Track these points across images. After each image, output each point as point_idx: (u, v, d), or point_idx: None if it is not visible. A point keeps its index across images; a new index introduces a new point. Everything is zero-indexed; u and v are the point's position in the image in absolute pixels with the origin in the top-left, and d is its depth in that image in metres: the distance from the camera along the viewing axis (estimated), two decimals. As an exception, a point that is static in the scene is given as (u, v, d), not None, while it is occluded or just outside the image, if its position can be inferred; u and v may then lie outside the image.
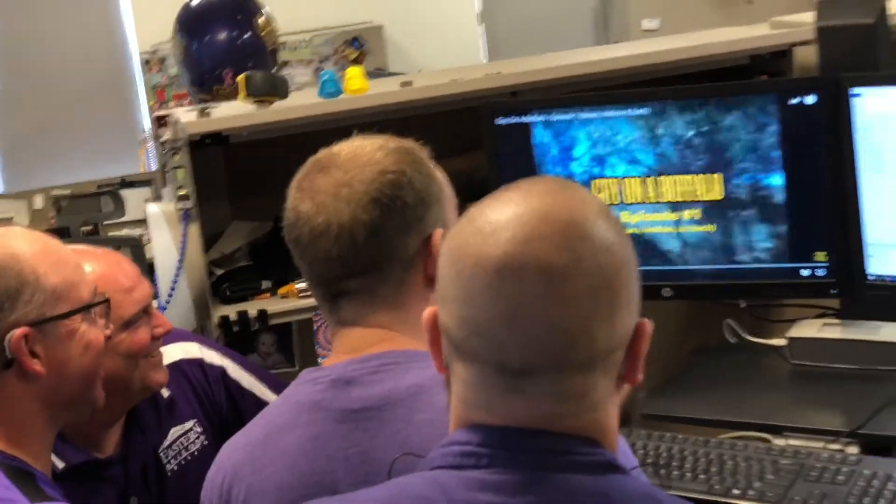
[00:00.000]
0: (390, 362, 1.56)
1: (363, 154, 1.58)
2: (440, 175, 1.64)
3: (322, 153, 1.62)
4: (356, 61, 6.35)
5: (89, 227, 5.98)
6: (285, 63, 6.18)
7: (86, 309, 1.71)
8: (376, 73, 5.54)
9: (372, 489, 1.27)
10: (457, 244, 1.21)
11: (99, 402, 1.78)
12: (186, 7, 3.78)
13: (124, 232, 5.56)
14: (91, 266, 1.96)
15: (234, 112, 2.63)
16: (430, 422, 1.49)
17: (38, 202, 6.49)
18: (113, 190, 5.65)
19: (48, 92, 6.84)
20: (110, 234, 5.59)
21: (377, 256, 1.55)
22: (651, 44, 3.19)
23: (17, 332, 1.61)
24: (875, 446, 2.07)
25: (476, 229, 1.20)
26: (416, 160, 1.60)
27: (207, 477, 1.67)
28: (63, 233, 5.81)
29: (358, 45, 6.43)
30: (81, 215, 5.89)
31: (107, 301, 1.77)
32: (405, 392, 1.54)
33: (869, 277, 2.25)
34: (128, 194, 5.73)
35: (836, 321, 2.37)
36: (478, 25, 7.03)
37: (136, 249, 3.69)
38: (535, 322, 1.15)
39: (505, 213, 1.19)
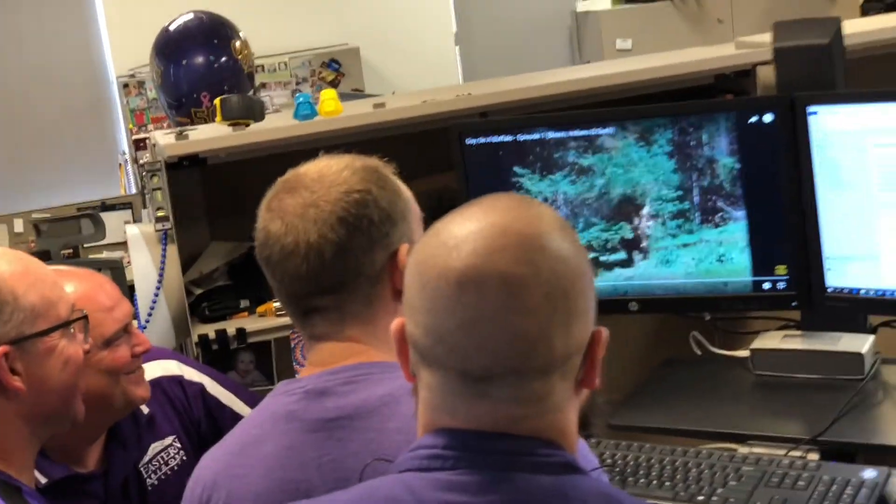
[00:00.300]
0: (362, 374, 1.62)
1: (329, 174, 1.63)
2: (406, 191, 1.69)
3: (290, 174, 1.67)
4: (333, 83, 6.42)
5: (70, 250, 6.00)
6: (263, 85, 6.26)
7: (64, 326, 1.75)
8: (353, 94, 5.61)
9: (343, 492, 1.33)
10: (422, 257, 1.28)
11: (79, 415, 1.82)
12: (164, 32, 3.83)
13: (105, 254, 5.60)
14: (73, 286, 2.01)
15: (210, 135, 2.69)
16: (401, 430, 1.54)
17: (19, 226, 6.52)
18: (93, 213, 5.69)
19: (27, 116, 6.87)
20: (91, 256, 5.62)
21: (345, 273, 1.60)
22: (618, 64, 3.26)
23: None
24: (835, 452, 2.14)
25: (440, 243, 1.26)
26: (381, 178, 1.65)
27: (187, 488, 1.71)
28: (43, 256, 5.84)
29: (335, 67, 6.50)
30: (61, 238, 5.90)
31: (85, 317, 1.82)
32: (377, 402, 1.59)
33: (828, 290, 2.32)
34: (108, 217, 5.77)
35: (797, 332, 2.44)
36: (454, 46, 7.11)
37: (116, 272, 3.73)
38: (495, 330, 1.22)
39: (467, 228, 1.26)
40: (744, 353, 2.46)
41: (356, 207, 1.61)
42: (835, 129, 2.23)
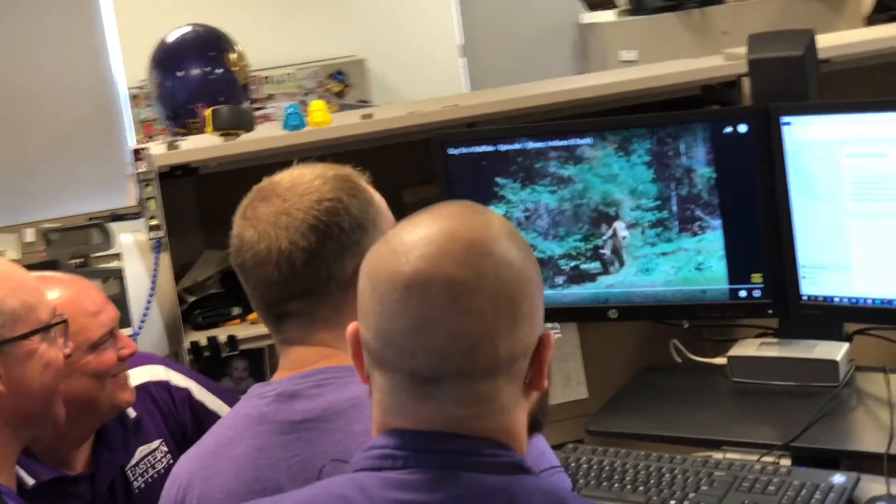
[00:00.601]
0: (331, 377, 1.66)
1: (302, 183, 1.68)
2: (378, 199, 1.73)
3: (265, 182, 1.72)
4: (339, 94, 6.48)
5: (79, 260, 6.07)
6: (270, 96, 6.32)
7: (44, 330, 1.80)
8: (359, 105, 5.67)
9: (299, 490, 1.38)
10: (373, 262, 1.33)
11: (59, 418, 1.87)
12: (162, 44, 3.90)
13: (114, 264, 5.66)
14: (59, 292, 2.07)
15: (201, 145, 2.74)
16: (367, 432, 1.56)
17: (29, 235, 6.59)
18: (101, 223, 5.75)
19: (37, 126, 6.93)
20: (100, 265, 5.67)
21: (315, 280, 1.65)
22: (608, 75, 3.31)
23: None
24: (807, 459, 2.17)
25: (390, 248, 1.31)
26: (352, 187, 1.70)
27: (165, 487, 1.76)
28: (52, 265, 5.91)
29: (341, 79, 6.56)
30: (70, 248, 5.98)
31: (64, 321, 1.86)
32: (345, 404, 1.64)
33: (803, 298, 2.36)
34: (117, 227, 5.82)
35: (774, 340, 2.48)
36: (459, 58, 7.15)
37: (120, 280, 3.79)
38: (439, 332, 1.26)
39: (416, 234, 1.30)
40: (722, 360, 2.50)
41: (327, 215, 1.65)
42: (808, 139, 2.27)
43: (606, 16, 6.98)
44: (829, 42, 2.71)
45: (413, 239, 1.30)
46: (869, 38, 3.06)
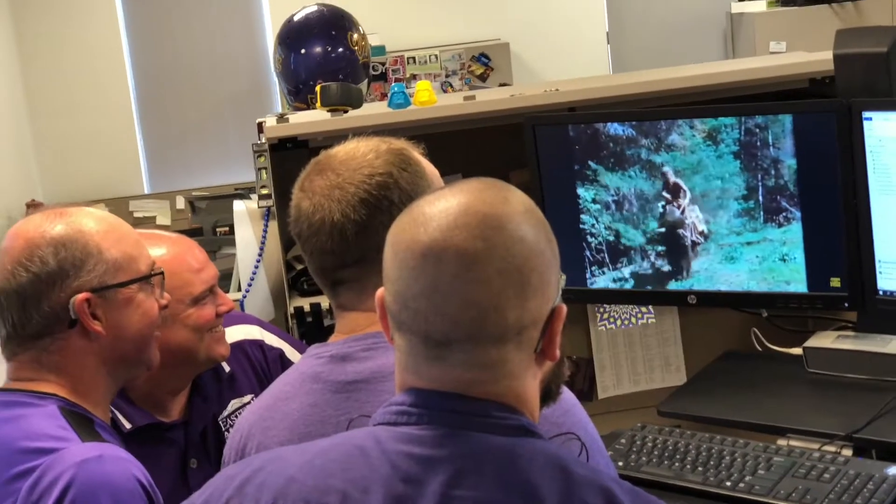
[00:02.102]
0: (381, 341, 1.75)
1: (356, 157, 1.78)
2: (430, 171, 1.82)
3: (321, 155, 1.83)
4: (481, 77, 6.58)
5: (225, 228, 6.33)
6: (413, 76, 6.45)
7: (142, 280, 1.95)
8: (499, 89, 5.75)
9: (324, 440, 1.48)
10: (396, 231, 1.43)
11: (153, 363, 2.01)
12: (288, 22, 4.06)
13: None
14: (166, 248, 2.23)
15: (309, 119, 2.87)
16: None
17: (180, 203, 6.90)
18: (244, 192, 5.98)
19: (193, 100, 7.23)
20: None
21: (366, 250, 1.75)
22: (716, 66, 3.33)
23: (80, 296, 1.86)
24: (868, 450, 2.20)
25: (412, 219, 1.41)
26: (404, 160, 1.79)
27: (229, 436, 1.90)
28: (196, 233, 6.19)
29: (484, 62, 6.66)
30: (214, 216, 6.24)
31: (161, 274, 2.01)
32: (392, 368, 1.73)
33: (879, 293, 2.37)
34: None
35: (851, 333, 2.49)
36: (605, 45, 7.17)
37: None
38: (450, 299, 1.35)
39: (436, 207, 1.40)
40: (798, 350, 2.52)
41: (378, 189, 1.75)
42: (888, 135, 2.28)
43: (757, 6, 6.91)
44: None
45: (432, 211, 1.39)
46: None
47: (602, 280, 2.66)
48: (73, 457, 1.74)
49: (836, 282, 2.41)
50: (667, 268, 2.59)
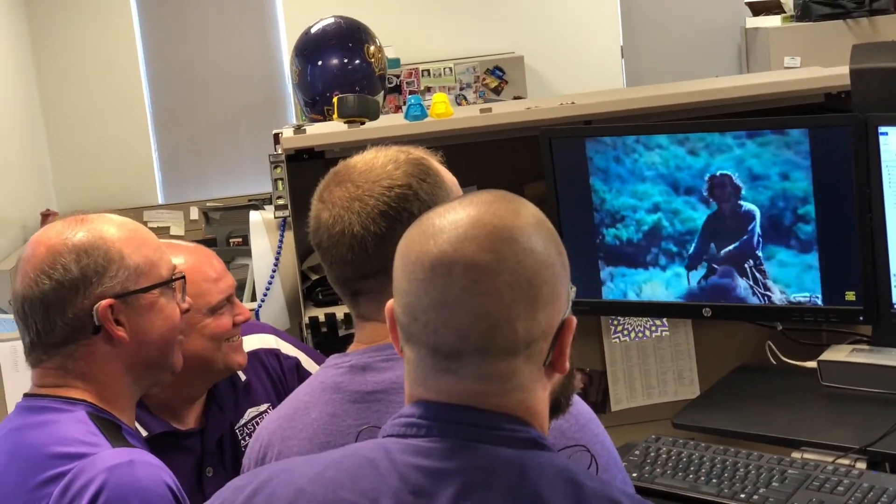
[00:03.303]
0: (400, 353, 1.78)
1: (375, 168, 1.79)
2: (448, 180, 1.83)
3: (340, 165, 1.84)
4: (496, 90, 6.60)
5: (239, 239, 6.35)
6: (428, 89, 6.48)
7: (164, 284, 1.96)
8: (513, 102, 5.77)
9: (334, 451, 1.48)
10: (406, 243, 1.43)
11: (176, 367, 2.02)
12: (305, 34, 4.08)
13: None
14: (184, 258, 2.25)
15: (326, 130, 2.89)
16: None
17: (194, 213, 6.93)
18: (260, 204, 6.01)
19: (207, 110, 7.26)
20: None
21: (386, 261, 1.73)
22: (729, 80, 3.33)
23: (104, 302, 1.87)
24: (882, 463, 2.20)
25: (422, 231, 1.42)
26: (423, 171, 1.80)
27: (249, 445, 1.91)
28: (209, 243, 6.21)
29: (499, 75, 6.68)
30: (228, 227, 6.27)
31: (183, 278, 2.02)
32: (411, 378, 1.75)
33: (894, 307, 2.38)
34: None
35: (866, 347, 2.50)
36: (619, 59, 7.18)
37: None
38: (460, 311, 1.36)
39: (446, 219, 1.41)
40: (813, 364, 2.53)
41: (397, 202, 1.76)
42: (904, 150, 2.30)
43: (772, 21, 6.92)
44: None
45: (442, 223, 1.40)
46: None
47: (616, 292, 2.67)
48: (103, 462, 1.75)
49: (851, 295, 2.42)
50: (681, 280, 2.60)
